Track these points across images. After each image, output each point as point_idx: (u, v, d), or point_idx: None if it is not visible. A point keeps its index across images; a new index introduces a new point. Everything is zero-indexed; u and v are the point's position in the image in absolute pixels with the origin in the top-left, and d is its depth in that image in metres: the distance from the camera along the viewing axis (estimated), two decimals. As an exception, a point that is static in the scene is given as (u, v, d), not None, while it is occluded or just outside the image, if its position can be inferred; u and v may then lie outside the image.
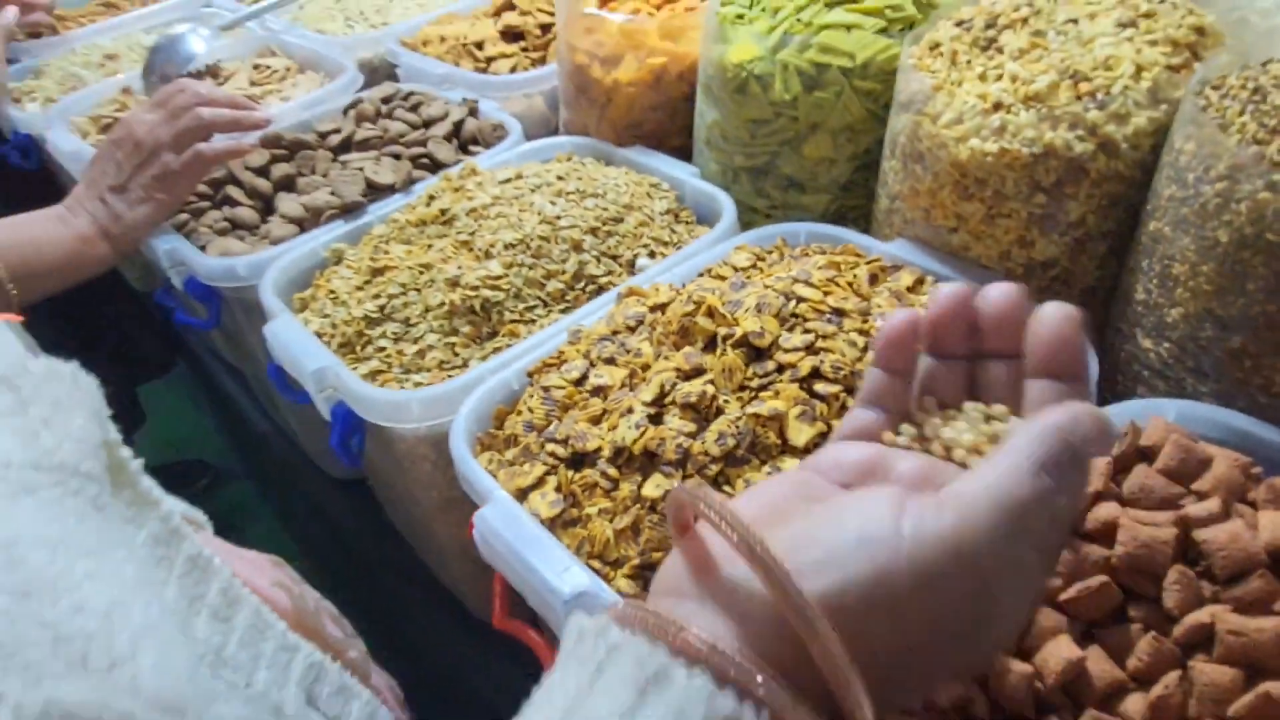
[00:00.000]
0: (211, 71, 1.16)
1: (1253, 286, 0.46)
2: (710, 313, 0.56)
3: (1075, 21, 0.60)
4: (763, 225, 0.73)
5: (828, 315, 0.54)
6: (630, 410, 0.52)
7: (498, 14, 1.12)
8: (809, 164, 0.74)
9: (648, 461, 0.50)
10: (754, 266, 0.66)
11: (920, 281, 0.63)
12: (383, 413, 0.62)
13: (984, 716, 0.45)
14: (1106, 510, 0.47)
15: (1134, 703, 0.42)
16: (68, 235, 0.79)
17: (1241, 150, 0.46)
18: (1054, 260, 0.60)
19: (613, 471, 0.50)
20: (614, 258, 0.73)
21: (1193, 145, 0.49)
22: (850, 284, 0.58)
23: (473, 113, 0.96)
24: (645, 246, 0.75)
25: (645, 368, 0.56)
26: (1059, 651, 0.44)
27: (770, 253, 0.69)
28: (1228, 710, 0.40)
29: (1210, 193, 0.47)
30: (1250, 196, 0.45)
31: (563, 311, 0.69)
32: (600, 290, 0.71)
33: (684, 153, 0.85)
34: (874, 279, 0.63)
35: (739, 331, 0.53)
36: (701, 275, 0.67)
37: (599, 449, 0.51)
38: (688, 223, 0.80)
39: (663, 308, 0.60)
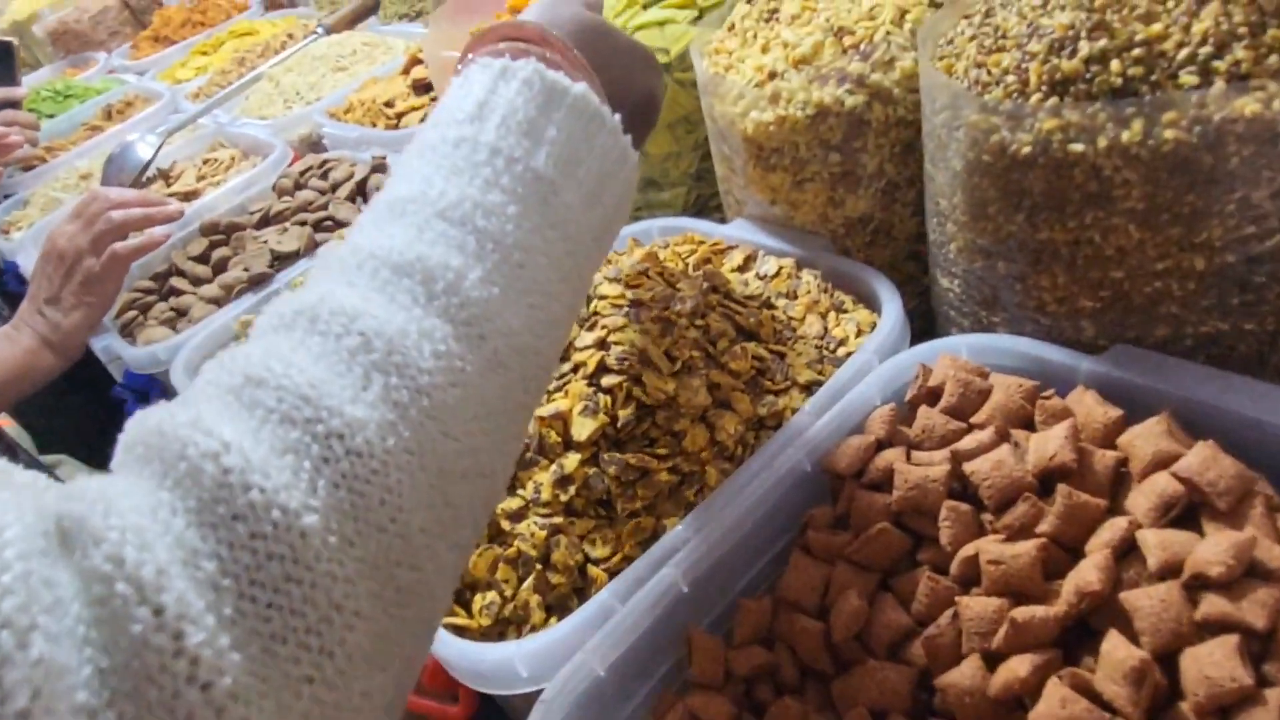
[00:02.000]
0: (163, 174, 1.24)
1: (993, 210, 0.45)
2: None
3: (846, -23, 0.60)
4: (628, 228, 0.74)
5: (625, 309, 0.55)
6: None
7: (406, 71, 1.17)
8: (657, 160, 0.75)
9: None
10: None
11: (751, 258, 0.64)
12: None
13: (791, 680, 0.45)
14: (885, 458, 0.46)
15: (918, 647, 0.42)
16: (15, 352, 0.86)
17: (954, 81, 0.46)
18: (869, 215, 0.60)
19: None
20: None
21: (926, 78, 0.48)
22: (661, 273, 0.59)
23: (379, 168, 1.01)
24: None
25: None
26: (845, 605, 0.43)
27: (622, 255, 0.70)
28: (991, 643, 0.39)
29: (939, 123, 0.47)
30: (965, 122, 0.44)
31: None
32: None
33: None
34: (707, 262, 0.63)
35: (538, 339, 0.54)
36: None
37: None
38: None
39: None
